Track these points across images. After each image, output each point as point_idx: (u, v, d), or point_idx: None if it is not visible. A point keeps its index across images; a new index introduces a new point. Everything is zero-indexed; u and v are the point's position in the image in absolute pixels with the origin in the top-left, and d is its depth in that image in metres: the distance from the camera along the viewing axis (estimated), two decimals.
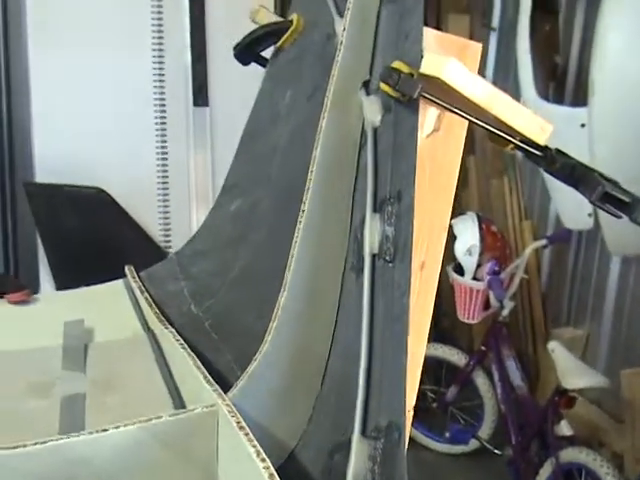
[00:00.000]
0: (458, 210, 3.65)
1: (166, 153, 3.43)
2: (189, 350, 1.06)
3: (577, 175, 1.01)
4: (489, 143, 1.17)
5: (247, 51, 1.37)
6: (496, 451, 3.52)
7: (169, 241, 3.51)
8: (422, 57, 1.01)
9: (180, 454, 0.89)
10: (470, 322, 3.45)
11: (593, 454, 3.00)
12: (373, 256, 0.98)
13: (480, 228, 3.36)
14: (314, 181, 1.01)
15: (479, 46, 1.22)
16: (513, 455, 3.39)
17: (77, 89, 3.23)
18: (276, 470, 0.80)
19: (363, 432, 0.90)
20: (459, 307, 3.45)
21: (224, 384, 0.97)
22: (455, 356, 3.68)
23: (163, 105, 3.38)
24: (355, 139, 1.06)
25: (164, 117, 3.40)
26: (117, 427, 0.86)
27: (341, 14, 1.19)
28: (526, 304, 3.89)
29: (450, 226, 3.27)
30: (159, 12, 3.31)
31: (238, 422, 0.85)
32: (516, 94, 3.44)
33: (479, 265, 3.37)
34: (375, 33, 1.12)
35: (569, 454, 3.06)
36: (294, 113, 1.26)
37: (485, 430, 3.64)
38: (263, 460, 0.79)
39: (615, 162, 3.07)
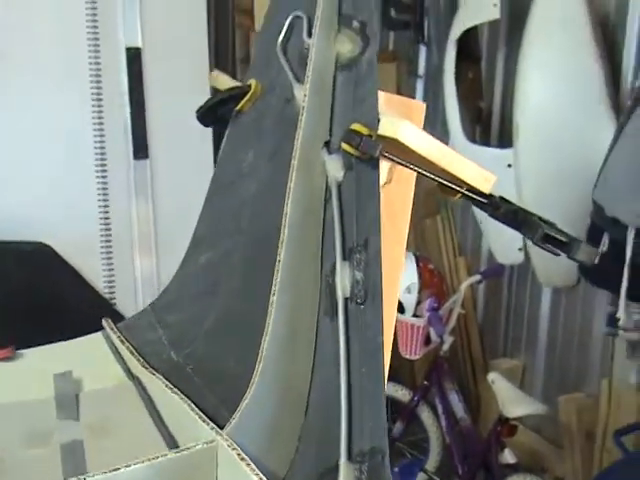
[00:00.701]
0: None
1: (108, 205, 3.49)
2: (179, 393, 1.15)
3: (519, 219, 1.14)
4: (422, 186, 1.29)
5: (208, 114, 1.47)
6: None
7: (113, 292, 3.55)
8: (379, 120, 1.13)
9: None
10: (412, 358, 3.56)
11: (536, 479, 3.13)
12: (345, 299, 1.09)
13: (418, 266, 3.49)
14: (287, 234, 1.12)
15: (423, 105, 1.35)
16: None
17: (16, 144, 3.26)
18: None
19: (349, 457, 1.00)
20: (401, 344, 3.55)
21: (215, 424, 1.06)
22: (399, 392, 3.78)
23: (104, 159, 3.44)
24: (320, 195, 1.17)
25: (105, 170, 3.46)
26: (128, 466, 0.94)
27: (298, 79, 1.31)
28: (464, 338, 4.04)
29: None
30: (97, 68, 3.38)
31: (239, 454, 0.95)
32: (444, 137, 3.61)
33: (418, 302, 3.49)
34: (332, 97, 1.24)
35: None
36: (258, 171, 1.37)
37: (432, 463, 3.74)
38: None
39: (540, 201, 3.24)
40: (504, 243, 3.58)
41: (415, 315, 3.49)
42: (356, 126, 1.14)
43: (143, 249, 3.60)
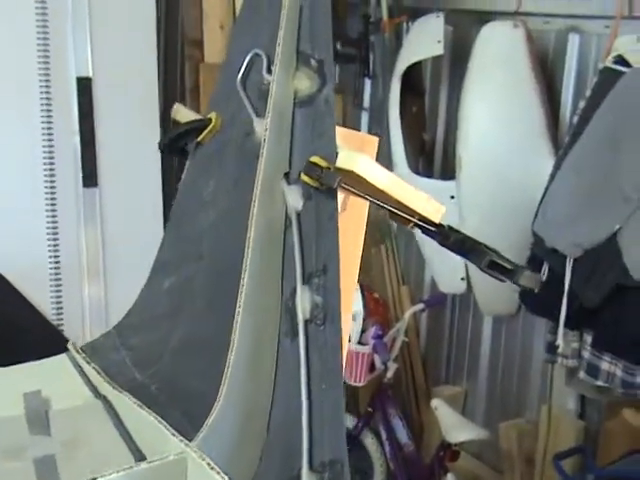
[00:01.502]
0: None
1: (57, 232, 3.52)
2: (147, 409, 1.21)
3: (467, 247, 1.23)
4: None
5: (170, 145, 1.54)
6: None
7: (61, 318, 3.58)
8: (337, 154, 1.21)
9: None
10: (356, 385, 3.63)
11: None
12: (306, 321, 1.16)
13: (363, 295, 3.56)
14: (250, 259, 1.19)
15: (376, 140, 1.43)
16: None
17: None
18: None
19: (311, 467, 1.07)
20: (346, 371, 3.62)
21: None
22: None
23: (53, 187, 3.48)
24: (280, 224, 1.25)
25: (54, 198, 3.50)
26: (103, 476, 1.00)
27: (258, 114, 1.39)
28: (408, 365, 4.12)
29: None
30: (47, 97, 3.43)
31: (209, 464, 1.01)
32: (388, 168, 3.70)
33: (363, 330, 3.56)
34: (292, 131, 1.32)
35: None
36: (218, 200, 1.44)
37: None
38: None
39: (482, 231, 3.33)
40: (447, 273, 3.67)
41: (360, 343, 3.56)
42: (315, 159, 1.22)
43: (92, 276, 3.64)
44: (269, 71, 1.39)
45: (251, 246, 1.19)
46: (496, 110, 3.29)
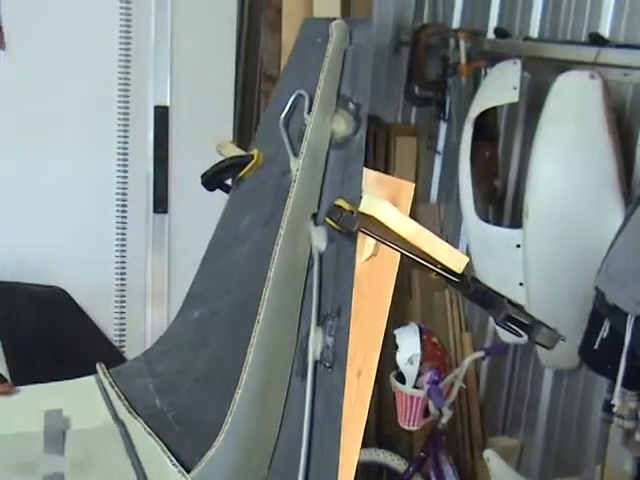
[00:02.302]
0: (402, 321, 3.85)
1: (125, 255, 3.59)
2: (155, 437, 1.23)
3: (487, 299, 1.22)
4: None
5: (213, 179, 1.58)
6: None
7: (123, 341, 3.63)
8: (361, 197, 1.22)
9: None
10: (410, 429, 3.58)
11: None
12: (315, 362, 1.17)
13: (421, 338, 3.52)
14: (268, 297, 1.20)
15: (412, 185, 1.44)
16: None
17: (41, 192, 3.39)
18: None
19: None
20: (400, 414, 3.58)
21: (185, 468, 1.14)
22: (395, 461, 3.79)
23: (124, 211, 3.55)
24: (304, 263, 1.26)
25: (125, 222, 3.57)
26: None
27: (295, 153, 1.41)
28: (464, 413, 4.06)
29: (393, 336, 3.45)
30: (125, 124, 3.52)
31: None
32: (459, 212, 3.69)
33: (420, 374, 3.51)
34: (324, 173, 1.34)
35: None
36: (252, 236, 1.46)
37: None
38: None
39: (547, 283, 3.29)
40: None
41: (415, 387, 3.52)
42: (340, 202, 1.23)
43: (156, 301, 3.68)
44: (310, 112, 1.41)
45: (270, 285, 1.21)
46: (566, 160, 3.24)
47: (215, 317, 1.45)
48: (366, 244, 1.33)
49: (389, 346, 3.79)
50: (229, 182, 1.71)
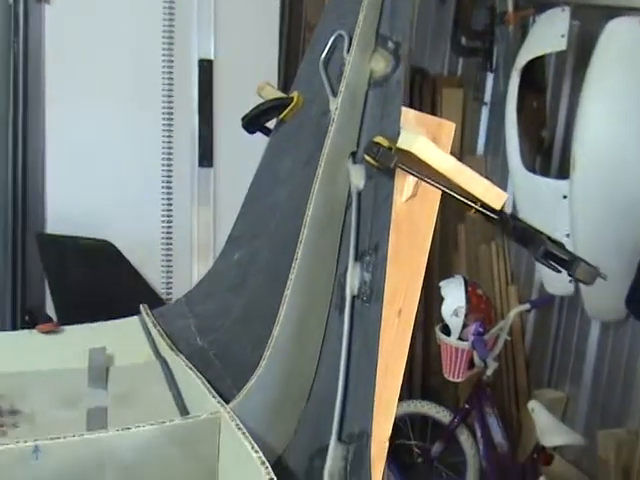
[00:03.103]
0: (448, 274, 3.84)
1: (171, 210, 3.62)
2: (196, 372, 1.25)
3: (526, 236, 1.21)
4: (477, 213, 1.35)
5: (253, 122, 1.58)
6: None
7: (170, 293, 3.67)
8: (399, 134, 1.21)
9: (187, 451, 1.08)
10: (455, 381, 3.59)
11: None
12: (353, 297, 1.18)
13: (466, 291, 3.51)
14: (306, 234, 1.21)
15: (453, 125, 1.42)
16: None
17: (90, 147, 3.43)
18: None
19: (339, 438, 1.09)
20: (445, 366, 3.59)
21: (225, 401, 1.16)
22: (440, 413, 3.80)
23: (170, 165, 3.58)
24: (343, 201, 1.26)
25: (170, 176, 3.59)
26: (137, 426, 1.05)
27: (335, 94, 1.41)
28: (510, 365, 4.04)
29: (438, 288, 3.45)
30: (170, 78, 3.53)
31: (237, 426, 1.04)
32: (506, 165, 3.65)
33: (465, 326, 3.51)
34: (363, 111, 1.33)
35: None
36: (292, 177, 1.47)
37: None
38: (260, 458, 0.97)
39: (594, 234, 3.25)
40: (554, 274, 3.58)
41: (460, 338, 3.52)
42: (379, 138, 1.23)
43: (202, 254, 3.71)
44: (349, 52, 1.40)
45: (308, 223, 1.21)
46: (616, 109, 3.18)
47: (255, 258, 1.47)
48: (406, 184, 1.32)
49: (435, 299, 3.79)
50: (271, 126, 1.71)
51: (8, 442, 1.03)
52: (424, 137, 1.19)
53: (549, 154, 3.94)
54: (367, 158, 1.23)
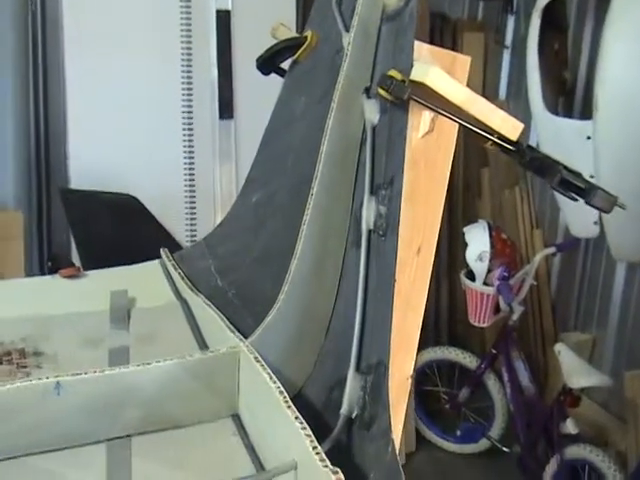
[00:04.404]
0: (472, 219, 3.83)
1: (193, 163, 3.62)
2: (215, 309, 1.26)
3: (543, 167, 1.20)
4: (501, 156, 1.34)
5: (268, 63, 1.57)
6: (504, 448, 3.66)
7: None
8: (412, 66, 1.20)
9: (207, 386, 1.09)
10: (481, 326, 3.60)
11: (596, 451, 3.13)
12: (369, 231, 1.18)
13: (490, 235, 3.50)
14: (321, 170, 1.21)
15: (468, 58, 1.40)
16: (521, 453, 3.53)
17: (110, 101, 3.43)
18: None
19: (357, 369, 1.09)
20: (470, 311, 3.59)
21: (245, 337, 1.17)
22: (467, 359, 3.82)
23: (190, 118, 3.57)
24: (357, 137, 1.26)
25: (191, 129, 3.59)
26: (158, 362, 1.07)
27: (347, 29, 1.39)
28: (536, 309, 4.04)
29: (463, 234, 3.44)
30: (188, 30, 3.51)
31: (256, 358, 1.05)
32: (528, 109, 3.61)
33: (489, 271, 3.51)
34: (376, 46, 1.32)
35: (574, 451, 3.19)
36: (307, 116, 1.46)
37: (496, 430, 3.78)
38: (279, 389, 0.99)
39: (618, 175, 3.21)
40: (579, 216, 3.56)
41: (485, 284, 3.52)
42: (392, 72, 1.21)
43: (224, 206, 3.71)
44: None
45: (323, 158, 1.21)
46: (637, 49, 3.13)
47: (272, 198, 1.47)
48: (422, 120, 1.31)
49: (460, 246, 3.78)
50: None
51: (31, 380, 1.04)
52: (437, 68, 1.18)
53: (572, 95, 3.90)
54: (380, 91, 1.21)
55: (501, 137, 1.23)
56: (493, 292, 3.48)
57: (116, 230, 3.49)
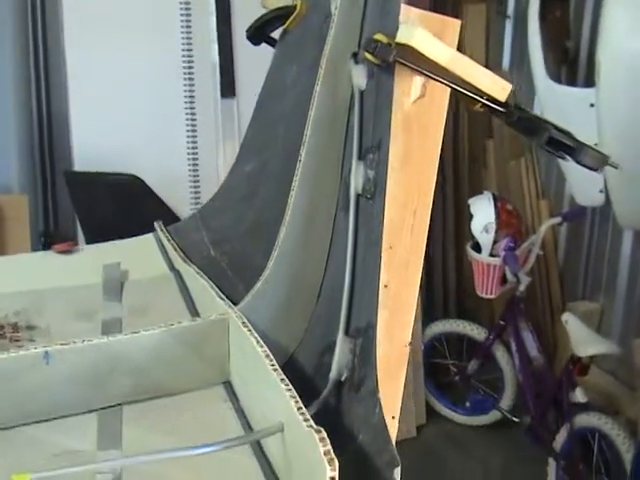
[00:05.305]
0: (478, 191, 3.81)
1: (196, 142, 3.62)
2: (206, 278, 1.26)
3: (533, 126, 1.19)
4: (506, 128, 1.33)
5: (258, 33, 1.56)
6: (515, 419, 3.66)
7: None
8: (398, 29, 1.19)
9: (197, 354, 1.10)
10: (488, 297, 3.59)
11: (606, 418, 3.12)
12: (358, 195, 1.17)
13: (496, 206, 3.49)
14: (309, 136, 1.20)
15: (457, 22, 1.39)
16: (531, 422, 3.53)
17: (112, 83, 3.42)
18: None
19: (346, 332, 1.10)
20: (477, 283, 3.59)
21: (236, 305, 1.18)
22: (475, 331, 3.82)
23: (192, 97, 3.56)
24: (346, 102, 1.25)
25: (193, 109, 3.58)
26: (147, 330, 1.07)
27: None
28: (544, 279, 4.03)
29: (467, 205, 3.42)
30: (187, 9, 3.49)
31: (244, 324, 1.05)
32: (532, 79, 3.59)
33: (495, 242, 3.50)
34: (363, 11, 1.31)
35: (583, 419, 3.19)
36: (297, 84, 1.45)
37: (506, 401, 3.78)
38: (265, 352, 0.99)
39: (622, 142, 3.19)
40: (584, 185, 3.54)
41: (492, 255, 3.51)
42: (378, 35, 1.20)
43: None
44: None
45: (311, 124, 1.21)
46: (638, 15, 3.10)
47: (265, 168, 1.47)
48: (413, 85, 1.30)
49: (466, 218, 3.77)
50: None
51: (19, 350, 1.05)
52: (423, 30, 1.17)
53: (575, 64, 3.86)
54: (366, 55, 1.21)
55: (490, 98, 1.23)
56: (499, 263, 3.47)
57: (120, 210, 3.50)
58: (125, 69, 3.45)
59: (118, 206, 3.52)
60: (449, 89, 1.30)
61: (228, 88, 3.65)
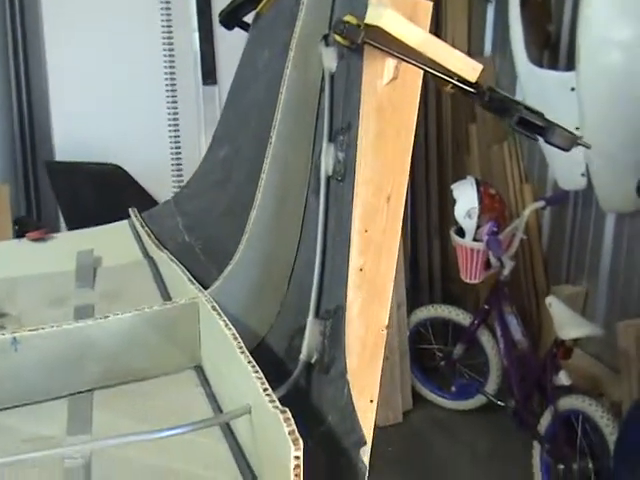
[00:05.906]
0: (461, 176, 3.81)
1: (178, 130, 3.62)
2: (178, 263, 1.26)
3: (504, 107, 1.19)
4: (489, 113, 1.32)
5: (230, 17, 1.55)
6: (500, 403, 3.66)
7: None
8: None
9: (168, 338, 1.09)
10: (472, 282, 3.60)
11: (589, 400, 3.13)
12: (328, 177, 1.17)
13: (478, 191, 3.50)
14: (279, 119, 1.20)
15: (430, 4, 1.38)
16: (516, 406, 3.54)
17: (92, 73, 3.41)
18: (249, 352, 0.99)
19: (317, 314, 1.09)
20: (462, 268, 3.59)
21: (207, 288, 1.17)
22: (460, 316, 3.83)
23: (174, 85, 3.56)
24: (316, 85, 1.25)
25: (175, 97, 3.58)
26: (117, 314, 1.06)
27: None
28: (527, 263, 4.04)
29: (451, 191, 3.42)
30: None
31: (213, 307, 1.05)
32: (514, 66, 3.58)
33: (479, 227, 3.50)
34: None
35: (567, 402, 3.20)
36: (269, 69, 1.45)
37: (491, 385, 3.79)
38: (233, 335, 0.98)
39: (602, 125, 3.19)
40: (566, 169, 3.55)
41: (475, 240, 3.51)
42: (348, 17, 1.20)
43: None
44: None
45: (281, 107, 1.20)
46: None
47: (238, 152, 1.46)
48: (385, 67, 1.30)
49: (450, 203, 3.77)
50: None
51: None
52: (391, 10, 1.16)
53: (556, 48, 3.86)
54: (336, 37, 1.20)
55: (461, 79, 1.22)
56: (483, 247, 3.48)
57: (102, 200, 3.49)
58: (105, 58, 3.44)
59: (100, 195, 3.51)
60: (422, 71, 1.30)
61: (209, 75, 3.64)
